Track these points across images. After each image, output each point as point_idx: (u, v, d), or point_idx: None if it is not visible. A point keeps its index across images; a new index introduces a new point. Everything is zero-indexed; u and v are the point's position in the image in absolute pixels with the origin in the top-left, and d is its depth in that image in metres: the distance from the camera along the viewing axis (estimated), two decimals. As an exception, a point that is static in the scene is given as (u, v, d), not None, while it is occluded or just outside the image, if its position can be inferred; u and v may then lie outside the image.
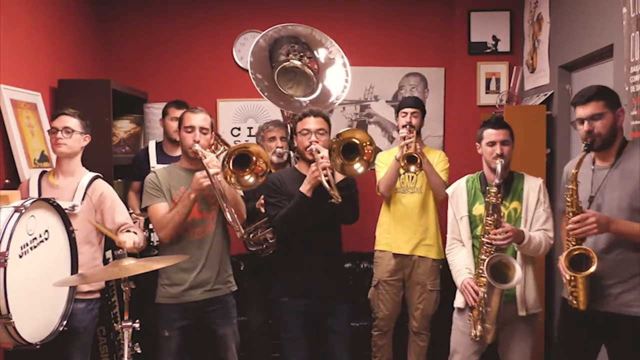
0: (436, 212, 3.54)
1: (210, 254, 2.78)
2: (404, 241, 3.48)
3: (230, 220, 2.63)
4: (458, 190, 2.84)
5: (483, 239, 2.59)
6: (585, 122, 2.32)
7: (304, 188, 2.68)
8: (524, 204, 2.71)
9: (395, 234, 3.49)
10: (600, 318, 2.36)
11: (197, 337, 2.84)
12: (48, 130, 2.75)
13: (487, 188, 2.62)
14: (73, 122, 2.75)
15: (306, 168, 2.79)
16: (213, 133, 2.90)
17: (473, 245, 2.75)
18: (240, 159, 2.60)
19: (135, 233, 2.73)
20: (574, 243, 2.32)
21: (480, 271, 2.60)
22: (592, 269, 2.24)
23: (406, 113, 3.47)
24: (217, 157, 2.77)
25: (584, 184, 2.40)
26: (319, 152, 2.67)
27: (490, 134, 2.70)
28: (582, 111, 2.33)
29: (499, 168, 2.59)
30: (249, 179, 2.62)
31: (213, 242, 2.80)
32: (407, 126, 3.40)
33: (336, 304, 2.84)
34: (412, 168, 3.23)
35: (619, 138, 2.36)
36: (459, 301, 2.78)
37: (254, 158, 2.60)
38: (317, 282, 2.79)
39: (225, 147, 3.38)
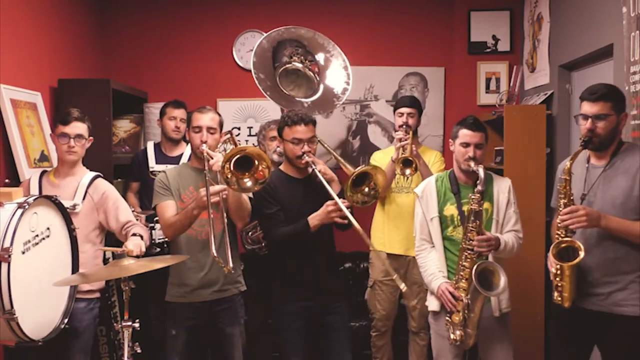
0: None
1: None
2: (397, 241, 3.47)
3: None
4: (428, 191, 2.78)
5: (464, 245, 2.57)
6: (589, 120, 2.31)
7: (313, 222, 2.63)
8: (494, 204, 2.70)
9: (389, 234, 3.47)
10: (592, 318, 2.36)
11: (204, 336, 2.83)
12: (57, 135, 2.70)
13: (470, 195, 2.59)
14: (84, 129, 2.74)
15: (292, 170, 2.80)
16: (228, 132, 2.86)
17: (444, 247, 2.73)
18: (242, 162, 2.54)
19: (141, 236, 2.68)
20: (563, 235, 2.32)
21: (461, 277, 2.58)
22: (578, 259, 2.24)
23: (402, 113, 3.44)
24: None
25: (578, 182, 2.41)
26: (336, 195, 2.61)
27: (465, 134, 2.67)
28: (588, 108, 2.32)
29: (481, 174, 2.55)
30: (247, 182, 2.56)
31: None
32: (404, 126, 3.38)
33: (334, 301, 2.84)
34: (407, 171, 3.22)
35: (616, 140, 2.36)
36: (433, 304, 2.73)
37: (256, 162, 2.55)
38: (316, 283, 2.78)
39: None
